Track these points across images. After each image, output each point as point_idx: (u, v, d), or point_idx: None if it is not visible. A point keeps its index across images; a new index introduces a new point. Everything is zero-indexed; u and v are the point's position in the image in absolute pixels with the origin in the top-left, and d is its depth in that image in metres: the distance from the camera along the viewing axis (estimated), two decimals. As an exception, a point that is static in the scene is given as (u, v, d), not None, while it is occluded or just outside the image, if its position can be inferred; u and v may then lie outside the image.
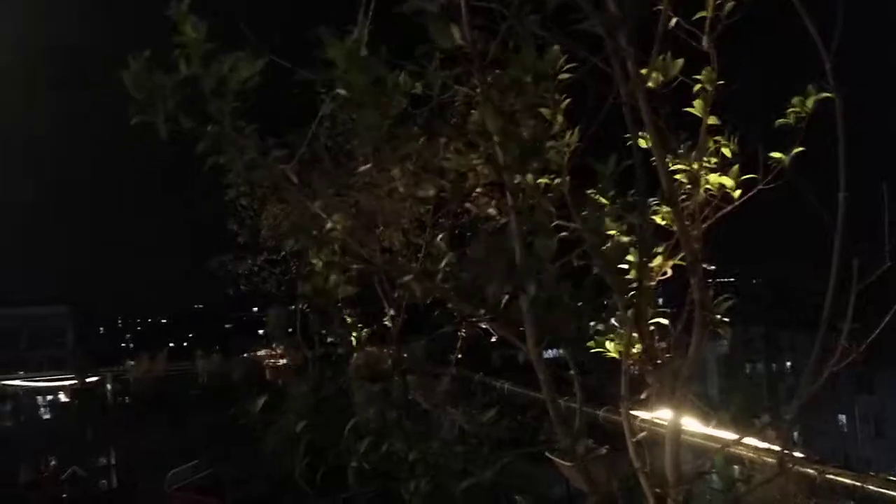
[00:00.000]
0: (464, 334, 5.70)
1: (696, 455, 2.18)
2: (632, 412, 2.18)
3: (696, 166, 2.10)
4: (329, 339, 5.73)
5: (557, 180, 2.07)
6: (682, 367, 2.03)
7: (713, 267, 2.05)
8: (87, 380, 9.50)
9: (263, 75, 1.68)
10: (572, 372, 2.59)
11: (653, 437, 2.17)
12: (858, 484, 2.02)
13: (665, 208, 2.05)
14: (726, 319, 2.03)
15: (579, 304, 1.81)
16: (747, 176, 2.13)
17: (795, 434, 2.20)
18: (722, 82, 2.11)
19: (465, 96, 1.99)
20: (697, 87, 2.15)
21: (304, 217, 1.90)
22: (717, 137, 2.14)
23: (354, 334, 5.85)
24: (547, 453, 3.17)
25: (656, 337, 2.07)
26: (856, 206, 1.88)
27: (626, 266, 1.97)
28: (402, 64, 1.79)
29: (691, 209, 2.08)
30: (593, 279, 1.88)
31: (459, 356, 5.56)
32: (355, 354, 6.02)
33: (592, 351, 2.20)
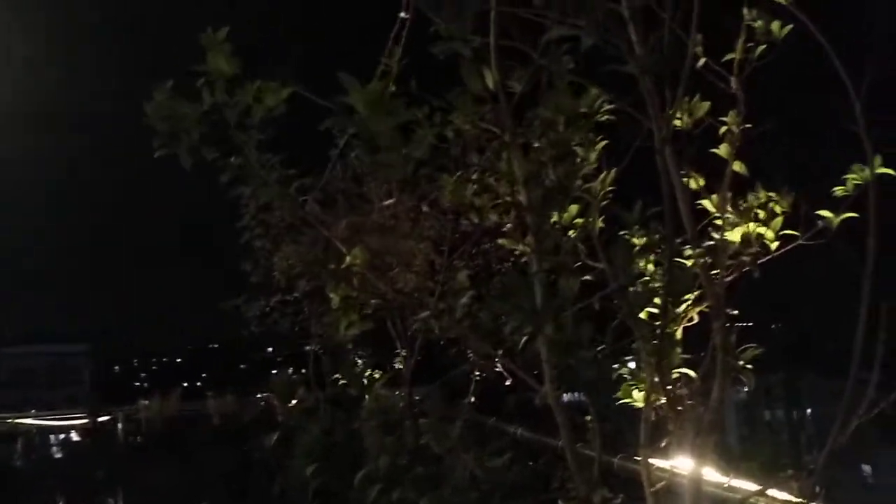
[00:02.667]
0: (478, 377, 5.62)
1: (718, 506, 2.10)
2: (650, 460, 2.11)
3: (726, 212, 2.08)
4: (341, 381, 5.68)
5: (589, 221, 2.04)
6: (704, 414, 1.97)
7: (736, 312, 2.01)
8: (99, 419, 9.47)
9: (288, 106, 1.68)
10: (589, 417, 2.53)
11: (671, 487, 2.10)
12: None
13: (693, 251, 2.02)
14: (750, 366, 1.98)
15: (600, 347, 1.78)
16: (788, 231, 2.09)
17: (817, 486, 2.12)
18: (749, 125, 2.10)
19: (493, 135, 1.99)
20: (723, 129, 2.14)
21: (322, 253, 1.89)
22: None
23: (366, 376, 5.79)
24: (561, 502, 3.07)
25: (679, 383, 2.02)
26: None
27: (652, 310, 1.94)
28: (429, 100, 1.79)
29: (720, 254, 2.04)
30: (617, 323, 1.85)
31: (473, 399, 5.47)
32: (367, 397, 5.95)
33: (618, 400, 2.15)
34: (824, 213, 2.09)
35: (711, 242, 2.04)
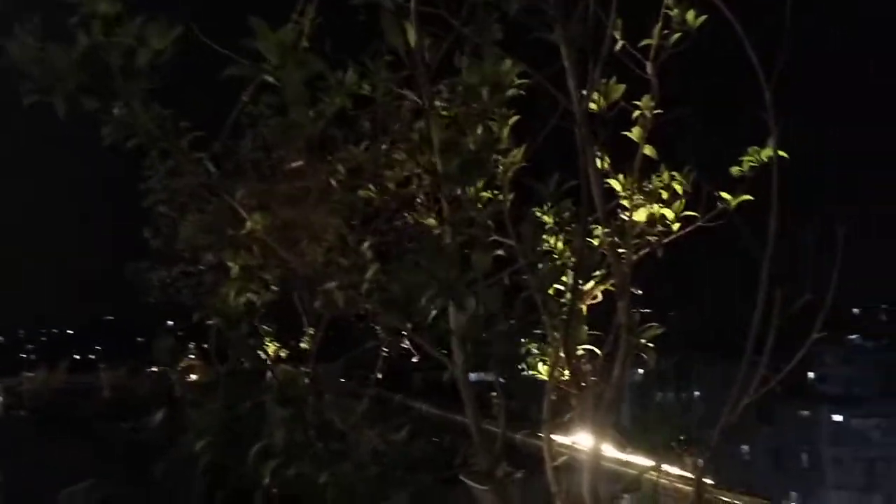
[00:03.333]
0: (385, 353, 5.56)
1: (613, 480, 2.16)
2: (552, 436, 2.14)
3: (633, 193, 2.11)
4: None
5: (500, 196, 2.02)
6: (605, 391, 2.01)
7: (640, 291, 2.05)
8: (-26, 391, 8.82)
9: (184, 57, 1.52)
10: (495, 394, 2.54)
11: (571, 462, 2.14)
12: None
13: (601, 230, 2.04)
14: (651, 345, 2.03)
15: (510, 322, 1.77)
16: (689, 213, 2.14)
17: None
18: (660, 111, 2.12)
19: (410, 102, 1.93)
20: (637, 113, 2.16)
21: (222, 218, 1.77)
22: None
23: (270, 349, 5.62)
24: (462, 476, 3.10)
25: (583, 360, 2.05)
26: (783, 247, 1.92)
27: (560, 287, 1.95)
28: (345, 60, 1.71)
29: (627, 234, 2.07)
30: (525, 299, 1.85)
31: (380, 376, 5.42)
32: (269, 372, 5.77)
33: (523, 374, 2.16)
34: (724, 195, 2.15)
35: (620, 222, 2.07)
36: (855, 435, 47.07)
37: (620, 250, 2.05)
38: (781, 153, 2.04)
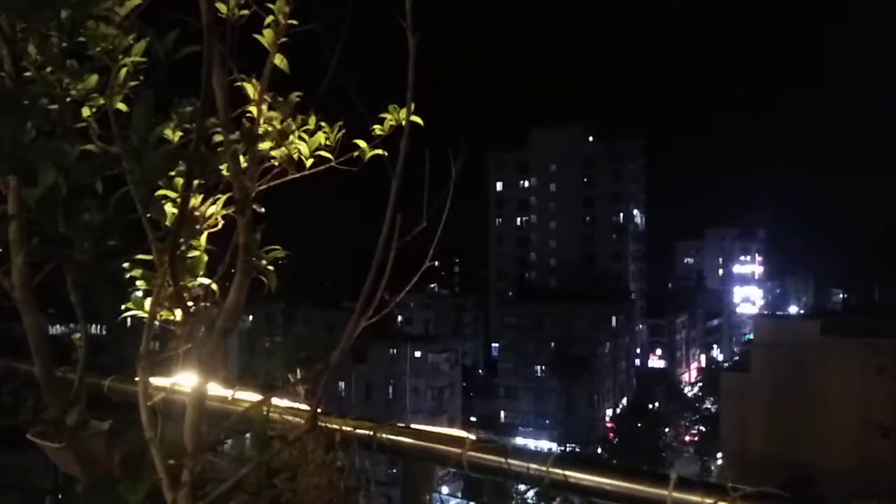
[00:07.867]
0: None
1: (219, 421, 1.95)
2: (149, 376, 1.82)
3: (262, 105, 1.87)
4: None
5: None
6: (218, 317, 1.77)
7: (263, 209, 1.85)
8: None
9: None
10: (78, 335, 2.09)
11: (170, 402, 1.85)
12: (373, 433, 2.11)
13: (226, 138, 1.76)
14: (271, 267, 1.85)
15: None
16: (321, 152, 1.96)
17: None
18: (295, 22, 1.91)
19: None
20: (270, 18, 1.92)
21: None
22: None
23: None
24: (29, 435, 2.55)
25: (193, 287, 1.78)
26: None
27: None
28: None
29: (253, 144, 1.83)
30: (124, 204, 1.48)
31: None
32: None
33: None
34: (361, 142, 2.06)
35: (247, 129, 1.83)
36: (430, 367, 56.34)
37: (244, 163, 1.81)
38: (416, 118, 2.01)
